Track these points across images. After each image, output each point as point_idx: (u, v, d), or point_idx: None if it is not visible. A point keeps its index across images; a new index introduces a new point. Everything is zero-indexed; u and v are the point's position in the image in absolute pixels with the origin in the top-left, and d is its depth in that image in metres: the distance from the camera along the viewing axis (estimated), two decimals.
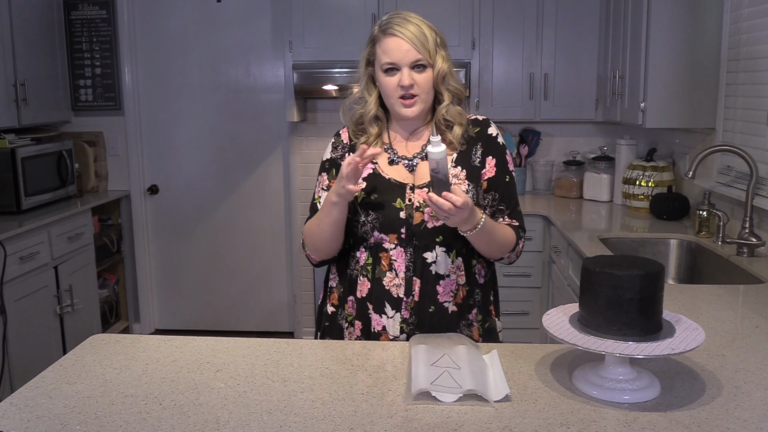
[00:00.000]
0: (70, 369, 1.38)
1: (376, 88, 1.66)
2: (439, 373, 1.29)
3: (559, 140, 4.01)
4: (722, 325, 1.62)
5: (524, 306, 3.47)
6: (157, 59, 4.20)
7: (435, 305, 1.61)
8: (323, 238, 1.63)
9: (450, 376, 1.27)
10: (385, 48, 1.58)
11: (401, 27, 1.57)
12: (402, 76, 1.57)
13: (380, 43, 1.60)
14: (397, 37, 1.57)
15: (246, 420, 1.15)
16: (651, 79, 2.86)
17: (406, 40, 1.56)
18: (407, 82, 1.57)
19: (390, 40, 1.58)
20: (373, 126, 1.68)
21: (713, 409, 1.16)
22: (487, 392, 1.20)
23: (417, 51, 1.56)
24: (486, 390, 1.21)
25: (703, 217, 2.67)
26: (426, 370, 1.29)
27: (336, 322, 1.71)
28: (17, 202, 3.38)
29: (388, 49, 1.58)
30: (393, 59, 1.57)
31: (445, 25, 3.83)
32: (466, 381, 1.23)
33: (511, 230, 1.65)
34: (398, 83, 1.58)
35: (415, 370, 1.29)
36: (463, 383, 1.23)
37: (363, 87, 1.68)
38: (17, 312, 3.06)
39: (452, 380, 1.25)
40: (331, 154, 1.73)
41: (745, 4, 2.64)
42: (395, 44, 1.57)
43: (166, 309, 4.49)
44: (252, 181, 4.29)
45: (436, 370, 1.30)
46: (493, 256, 1.66)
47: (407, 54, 1.57)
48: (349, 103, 1.72)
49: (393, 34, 1.57)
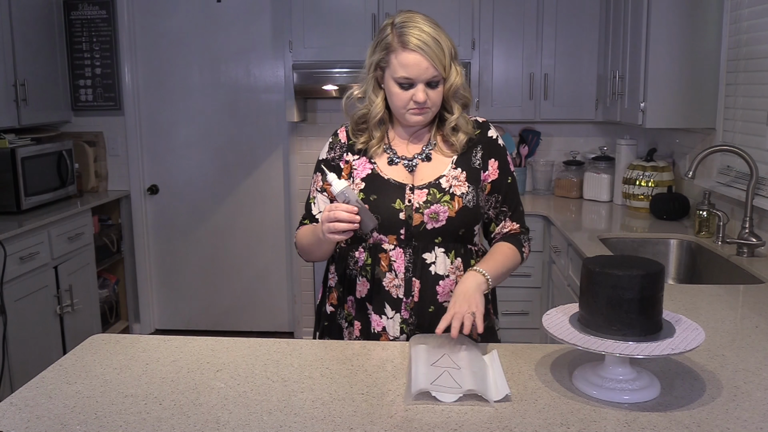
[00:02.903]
0: (70, 369, 1.38)
1: (382, 90, 1.64)
2: (439, 373, 1.29)
3: (559, 140, 4.01)
4: (722, 325, 1.62)
5: (524, 306, 3.47)
6: (157, 59, 4.20)
7: (435, 305, 1.61)
8: (316, 256, 1.70)
9: (450, 376, 1.28)
10: (403, 62, 1.54)
11: (421, 42, 1.52)
12: (417, 92, 1.55)
13: (397, 55, 1.54)
14: (417, 54, 1.52)
15: (246, 420, 1.15)
16: (651, 79, 2.86)
17: (426, 57, 1.52)
18: (422, 99, 1.55)
19: (410, 56, 1.53)
20: (377, 129, 1.66)
21: (713, 409, 1.16)
22: (487, 392, 1.20)
23: (435, 68, 1.54)
24: (486, 390, 1.21)
25: (703, 217, 2.67)
26: (426, 370, 1.29)
27: (335, 321, 1.71)
28: (17, 202, 3.38)
29: (407, 64, 1.53)
30: (411, 75, 1.54)
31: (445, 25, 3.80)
32: (466, 381, 1.23)
33: (511, 249, 1.66)
34: (411, 97, 1.56)
35: (414, 370, 1.30)
36: (463, 383, 1.23)
37: (370, 89, 1.64)
38: (17, 312, 3.06)
39: (452, 380, 1.25)
40: (327, 155, 1.71)
41: (745, 4, 2.64)
42: (415, 60, 1.53)
43: (166, 309, 4.49)
44: (252, 181, 4.29)
45: (436, 370, 1.30)
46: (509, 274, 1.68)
47: (425, 72, 1.54)
48: (352, 101, 1.68)
49: (414, 50, 1.52)
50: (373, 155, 1.66)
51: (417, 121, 1.61)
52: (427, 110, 1.59)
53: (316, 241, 1.59)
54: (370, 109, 1.65)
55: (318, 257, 1.70)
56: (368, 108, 1.65)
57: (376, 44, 1.61)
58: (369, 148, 1.66)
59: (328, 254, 1.69)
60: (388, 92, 1.61)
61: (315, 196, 1.71)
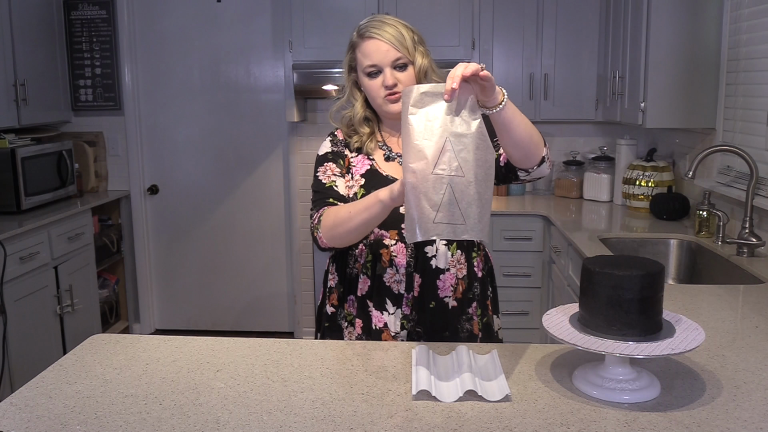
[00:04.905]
0: (70, 369, 1.38)
1: (361, 93, 1.68)
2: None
3: (559, 140, 4.01)
4: (722, 325, 1.62)
5: (524, 306, 3.47)
6: (157, 59, 4.20)
7: (435, 301, 1.62)
8: (348, 228, 1.51)
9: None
10: (365, 51, 1.60)
11: (378, 29, 1.59)
12: (385, 76, 1.59)
13: (360, 48, 1.62)
14: (375, 39, 1.59)
15: (246, 420, 1.15)
16: (651, 79, 2.86)
17: (384, 41, 1.58)
18: (391, 82, 1.59)
19: (369, 43, 1.60)
20: (363, 126, 1.69)
21: (713, 409, 1.16)
22: (487, 392, 1.20)
23: (396, 50, 1.58)
24: (486, 390, 1.21)
25: (703, 217, 2.67)
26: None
27: (336, 322, 1.72)
28: (17, 202, 3.38)
29: (368, 51, 1.59)
30: (374, 61, 1.59)
31: (445, 25, 3.87)
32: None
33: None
34: (382, 84, 1.60)
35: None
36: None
37: (348, 93, 1.70)
38: (17, 312, 3.06)
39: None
40: (332, 147, 1.72)
41: (745, 4, 2.64)
42: (374, 46, 1.59)
43: (166, 309, 4.49)
44: (252, 181, 4.29)
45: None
46: (530, 146, 1.50)
47: (387, 54, 1.58)
48: (336, 110, 1.74)
49: (371, 36, 1.59)
50: (369, 152, 1.68)
51: (394, 109, 1.61)
52: (400, 94, 1.58)
53: (366, 205, 1.46)
54: (352, 112, 1.70)
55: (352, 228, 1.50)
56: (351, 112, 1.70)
57: (347, 48, 1.68)
58: (363, 145, 1.69)
59: (366, 228, 1.50)
60: (364, 88, 1.65)
61: (334, 180, 1.65)
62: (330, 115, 1.77)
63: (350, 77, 1.69)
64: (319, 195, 1.65)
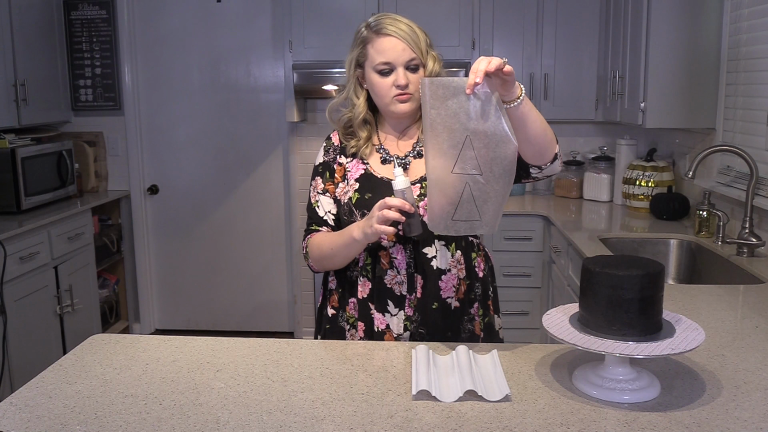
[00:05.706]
0: (70, 369, 1.38)
1: (364, 90, 1.66)
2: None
3: (559, 140, 3.98)
4: (722, 325, 1.62)
5: (524, 306, 3.47)
6: (157, 59, 4.20)
7: (438, 302, 1.61)
8: (334, 263, 1.65)
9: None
10: (379, 48, 1.57)
11: (394, 27, 1.57)
12: (398, 75, 1.57)
13: (373, 44, 1.59)
14: (392, 37, 1.56)
15: (246, 420, 1.15)
16: (651, 79, 2.86)
17: (401, 39, 1.56)
18: (403, 81, 1.57)
19: (385, 40, 1.57)
20: (362, 129, 1.67)
21: (713, 409, 1.16)
22: (487, 392, 1.20)
23: (412, 50, 1.56)
24: (486, 390, 1.21)
25: (703, 217, 2.67)
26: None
27: (337, 324, 1.71)
28: (17, 202, 3.38)
29: (384, 48, 1.57)
30: (389, 59, 1.57)
31: (445, 25, 3.86)
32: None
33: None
34: (393, 83, 1.58)
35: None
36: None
37: (351, 90, 1.67)
38: (17, 312, 3.06)
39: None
40: (324, 158, 1.73)
41: (745, 4, 2.64)
42: (391, 44, 1.56)
43: (166, 309, 4.49)
44: (252, 181, 4.29)
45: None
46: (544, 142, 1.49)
47: (403, 53, 1.56)
48: (335, 106, 1.71)
49: (387, 33, 1.57)
50: (363, 156, 1.67)
51: (402, 109, 1.60)
52: (410, 96, 1.59)
53: (345, 243, 1.56)
54: (353, 111, 1.67)
55: (338, 263, 1.64)
56: (351, 111, 1.68)
57: (353, 43, 1.65)
58: (359, 150, 1.67)
59: (349, 259, 1.62)
60: (370, 86, 1.63)
61: (318, 200, 1.70)
62: (329, 109, 1.72)
63: (355, 73, 1.66)
64: (308, 216, 1.73)
